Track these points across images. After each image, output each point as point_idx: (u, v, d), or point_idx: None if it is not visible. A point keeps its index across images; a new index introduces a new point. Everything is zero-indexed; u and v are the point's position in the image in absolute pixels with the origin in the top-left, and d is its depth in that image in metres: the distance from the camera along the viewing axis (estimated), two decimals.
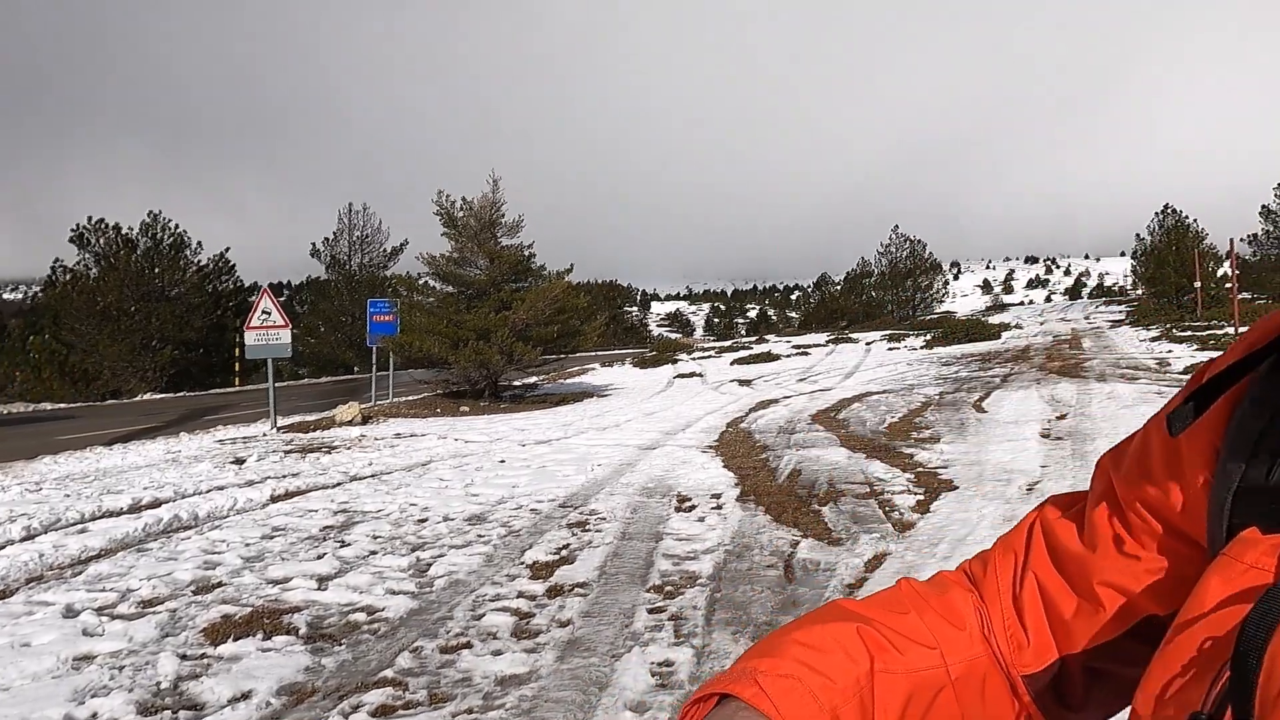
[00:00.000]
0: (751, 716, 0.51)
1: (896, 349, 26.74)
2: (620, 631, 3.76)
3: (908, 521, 5.67)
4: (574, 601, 4.19)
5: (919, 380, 16.21)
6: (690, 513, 6.17)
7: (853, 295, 55.94)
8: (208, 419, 17.49)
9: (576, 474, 7.90)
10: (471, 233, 17.70)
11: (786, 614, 3.96)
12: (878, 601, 0.64)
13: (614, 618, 3.95)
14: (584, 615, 3.99)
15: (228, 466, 8.99)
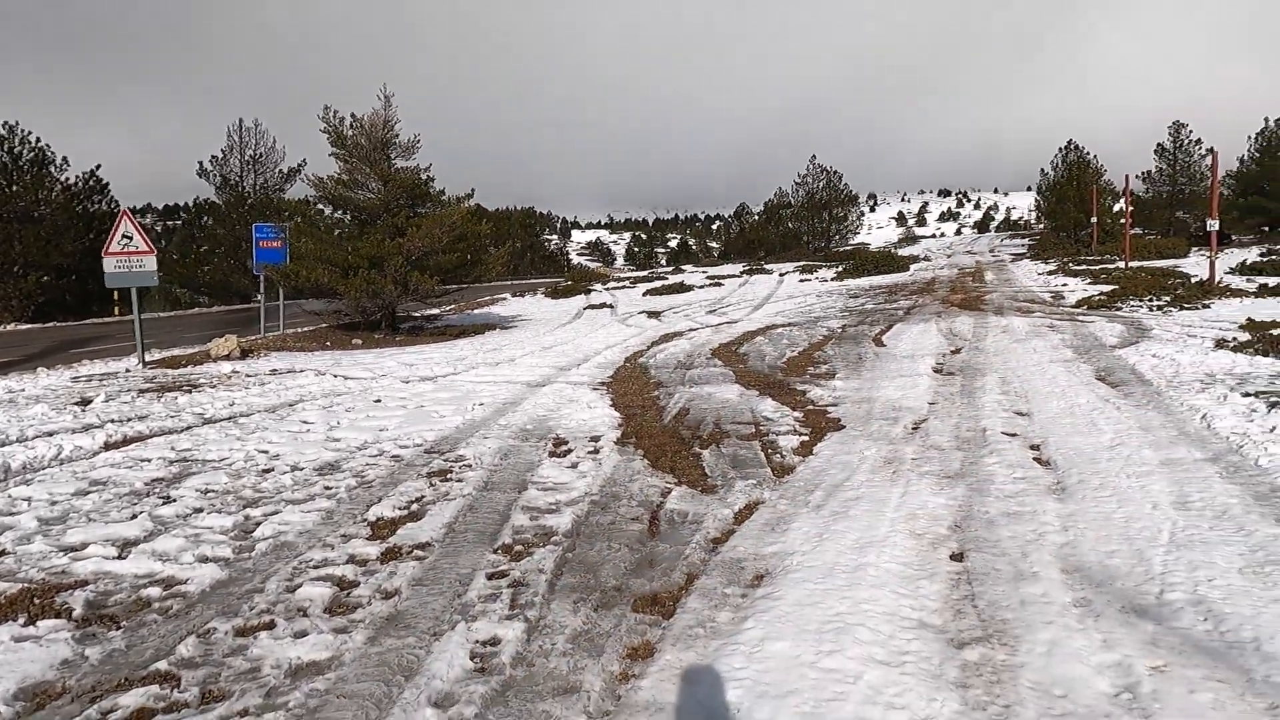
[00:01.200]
0: None
1: (808, 280, 26.80)
2: (450, 603, 3.36)
3: (788, 466, 5.43)
4: (408, 566, 3.76)
5: (825, 313, 16.16)
6: (564, 458, 5.78)
7: (771, 226, 55.96)
8: (75, 352, 16.13)
9: (454, 415, 7.41)
10: (363, 153, 16.49)
11: (639, 576, 3.63)
12: None
13: (448, 585, 3.55)
14: (415, 583, 3.57)
15: (68, 409, 8.12)
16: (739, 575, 3.60)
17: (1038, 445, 5.58)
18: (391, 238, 16.16)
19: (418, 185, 17.12)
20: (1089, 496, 4.43)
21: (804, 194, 48.33)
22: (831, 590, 3.32)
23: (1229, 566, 3.40)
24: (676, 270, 41.52)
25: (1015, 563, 3.58)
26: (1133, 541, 3.74)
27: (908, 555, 3.71)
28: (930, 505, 4.41)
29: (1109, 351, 9.10)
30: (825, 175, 48.04)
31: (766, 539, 4.03)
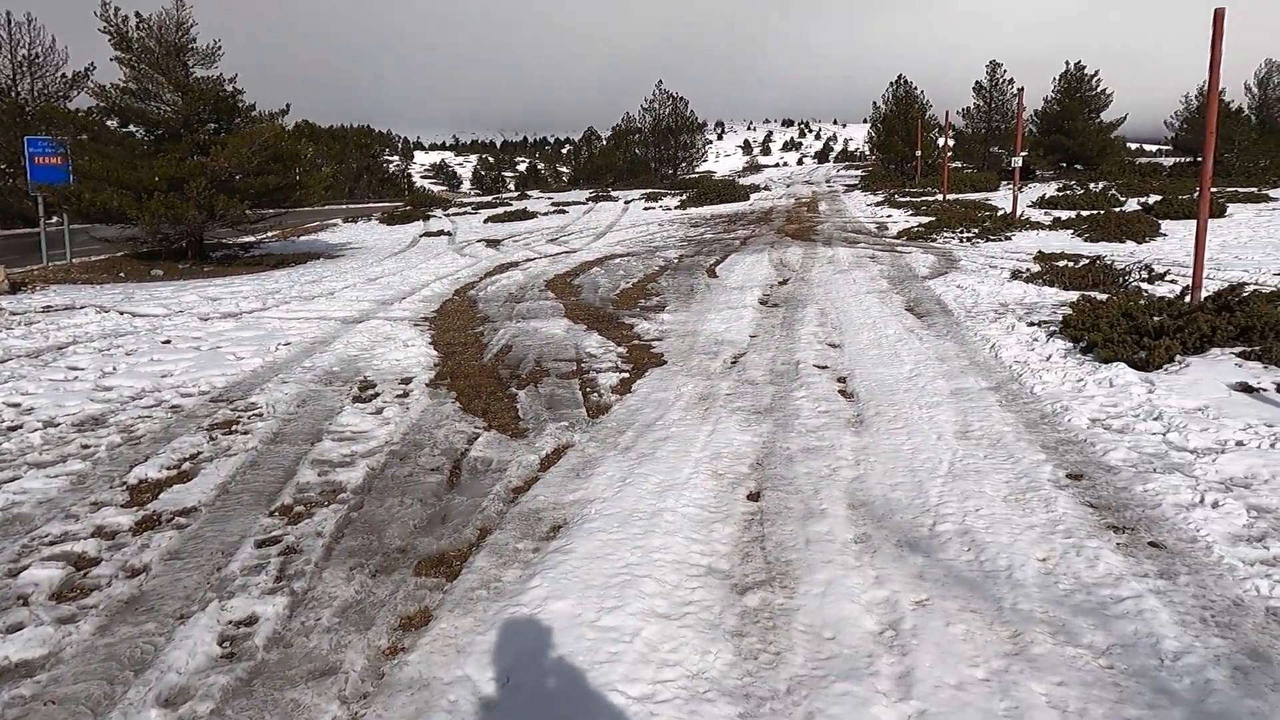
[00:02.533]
0: None
1: (652, 209, 26.77)
2: (207, 578, 3.03)
3: (604, 405, 5.33)
4: (165, 537, 3.37)
5: (665, 242, 16.16)
6: (369, 403, 5.42)
7: (619, 152, 55.35)
8: None
9: (253, 356, 6.79)
10: (153, 59, 14.61)
11: (428, 535, 3.42)
12: None
13: (209, 557, 3.20)
14: (169, 557, 3.19)
15: None
16: (535, 528, 3.47)
17: (845, 378, 5.77)
18: (194, 156, 14.56)
19: (222, 98, 15.44)
20: (883, 429, 4.61)
21: (651, 120, 47.96)
22: (625, 540, 3.25)
23: (995, 495, 3.60)
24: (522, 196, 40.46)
25: (807, 500, 3.65)
26: (916, 474, 3.90)
27: (706, 498, 3.71)
28: (736, 443, 4.44)
29: (920, 283, 9.59)
30: (672, 101, 47.77)
31: (569, 486, 3.92)
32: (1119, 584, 2.78)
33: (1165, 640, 2.44)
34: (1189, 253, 6.99)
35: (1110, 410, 4.65)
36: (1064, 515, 3.35)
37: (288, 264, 15.41)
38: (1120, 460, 3.92)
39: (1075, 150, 34.74)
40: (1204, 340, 5.54)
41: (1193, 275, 6.44)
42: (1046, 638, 2.50)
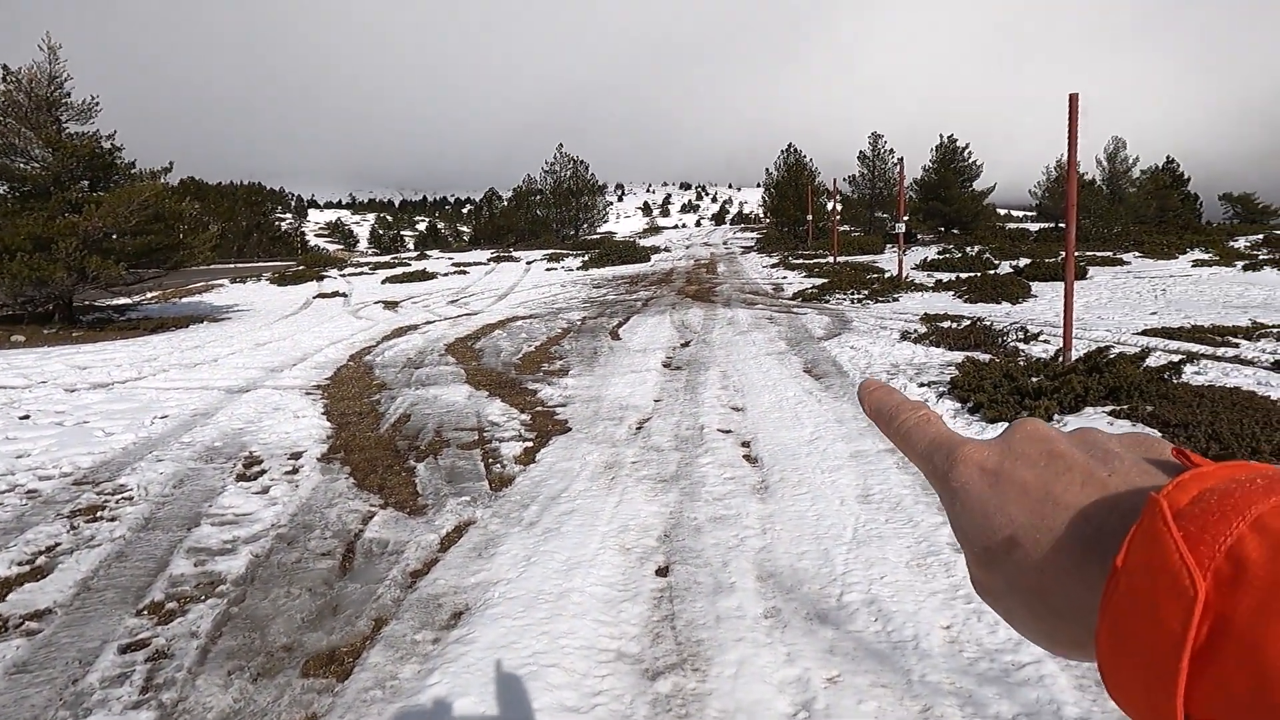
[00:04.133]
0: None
1: (554, 270, 26.86)
2: (59, 694, 2.71)
3: (507, 476, 5.18)
4: (10, 647, 3.01)
5: (568, 304, 16.18)
6: (254, 481, 5.09)
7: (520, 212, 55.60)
8: None
9: (125, 432, 6.31)
10: (21, 113, 13.79)
11: (317, 629, 3.19)
12: None
13: (63, 668, 2.87)
14: (15, 670, 2.85)
15: None
16: (434, 615, 3.28)
17: (749, 442, 5.82)
18: (65, 215, 13.71)
19: (99, 155, 14.68)
20: (788, 495, 4.64)
21: (552, 181, 48.52)
22: (531, 626, 3.11)
23: (899, 561, 3.66)
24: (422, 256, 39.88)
25: (716, 574, 3.61)
26: (821, 541, 3.93)
27: (614, 575, 3.61)
28: (643, 514, 4.38)
29: (816, 344, 9.89)
30: (573, 164, 48.55)
31: (471, 567, 3.75)
32: (1019, 649, 2.84)
33: (1067, 707, 2.49)
34: (1058, 313, 7.48)
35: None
36: (964, 579, 3.41)
37: (168, 328, 14.58)
38: None
39: (952, 216, 37.15)
40: (1078, 400, 5.89)
41: (1063, 337, 6.88)
42: (955, 710, 2.51)
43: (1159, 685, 0.27)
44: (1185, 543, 0.27)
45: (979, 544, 0.35)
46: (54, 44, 13.85)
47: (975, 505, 0.35)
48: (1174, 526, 0.27)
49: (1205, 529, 0.26)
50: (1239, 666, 0.25)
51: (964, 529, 0.36)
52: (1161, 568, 0.27)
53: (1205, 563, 0.26)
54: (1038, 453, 0.35)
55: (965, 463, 0.36)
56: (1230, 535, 0.26)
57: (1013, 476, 0.34)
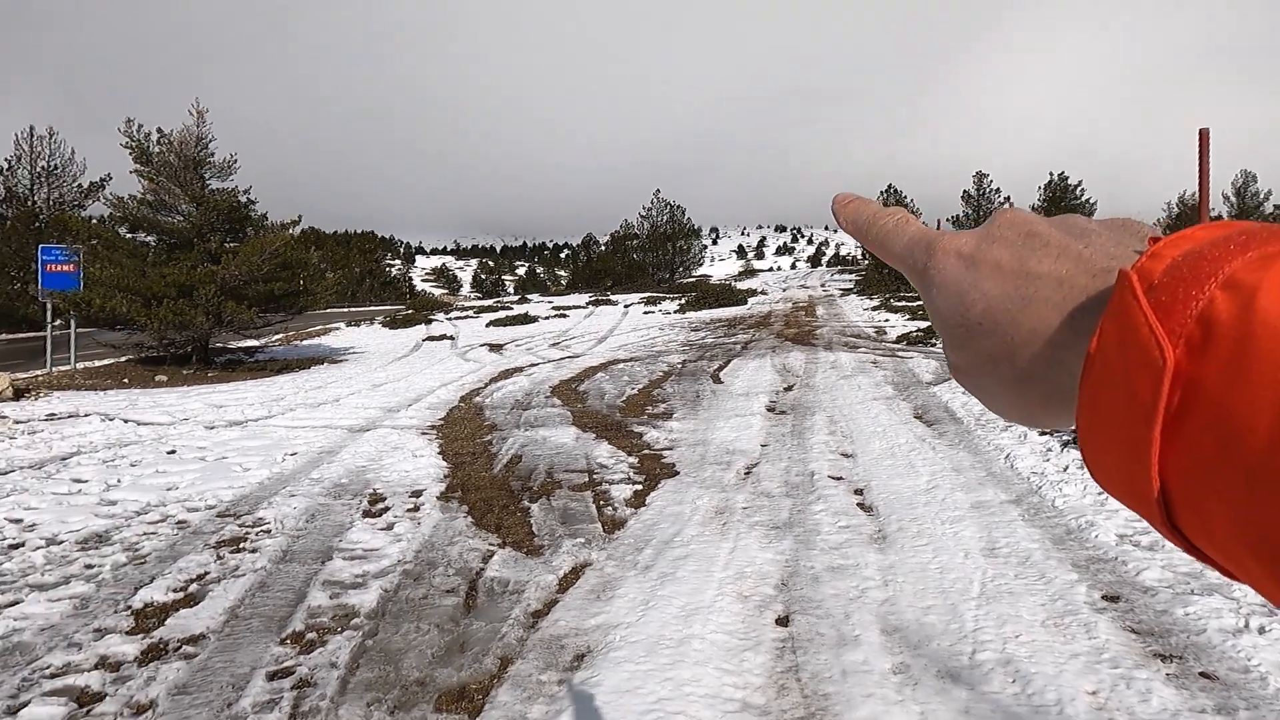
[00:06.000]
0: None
1: (652, 313, 27.15)
2: (217, 715, 2.88)
3: (619, 519, 5.23)
4: (172, 669, 3.22)
5: (667, 347, 16.31)
6: (379, 518, 5.31)
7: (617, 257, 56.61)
8: None
9: (260, 467, 6.71)
10: (171, 172, 15.10)
11: (447, 665, 3.29)
12: None
13: (218, 692, 3.05)
14: (177, 692, 3.05)
15: None
16: (558, 657, 3.33)
17: (861, 489, 5.70)
18: (205, 264, 14.84)
19: (236, 208, 15.88)
20: (908, 545, 4.51)
21: (649, 226, 49.28)
22: (654, 671, 3.12)
23: (1033, 619, 3.49)
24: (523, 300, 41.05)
25: (838, 625, 3.53)
26: (947, 595, 3.80)
27: (734, 622, 3.58)
28: (758, 562, 4.34)
29: (925, 389, 9.62)
30: (669, 209, 49.24)
31: (590, 609, 3.79)
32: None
33: None
34: None
35: (1137, 525, 4.57)
36: (1107, 642, 3.23)
37: (292, 369, 15.46)
38: (1155, 580, 3.82)
39: None
40: None
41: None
42: None
43: (1134, 457, 0.27)
44: (1156, 313, 0.26)
45: (955, 322, 0.35)
46: (201, 109, 15.20)
47: (952, 286, 0.36)
48: (1144, 299, 0.27)
49: (1177, 297, 0.26)
50: (1207, 427, 0.24)
51: (940, 311, 0.36)
52: (1133, 341, 0.26)
53: (1177, 330, 0.26)
54: (1015, 234, 0.34)
55: (943, 252, 0.36)
56: (1202, 298, 0.25)
57: (989, 256, 0.34)
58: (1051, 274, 0.32)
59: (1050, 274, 0.32)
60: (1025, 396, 0.33)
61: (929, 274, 0.37)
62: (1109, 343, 0.27)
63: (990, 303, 0.33)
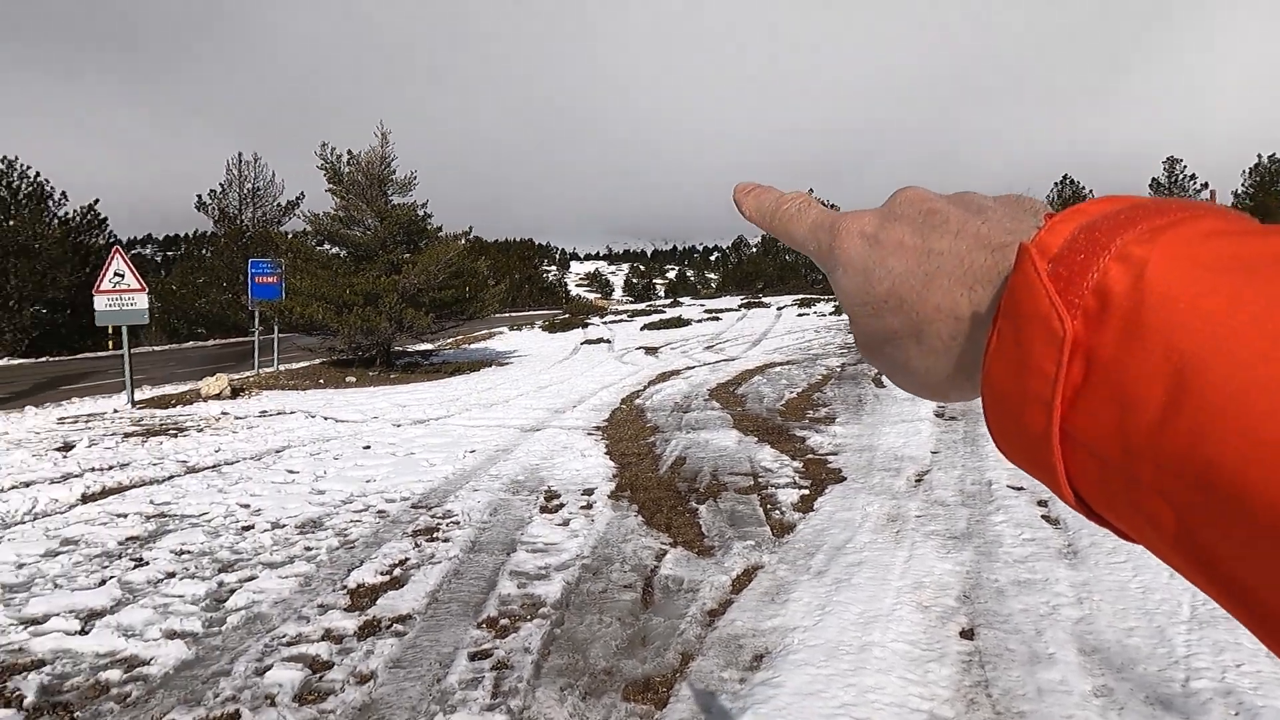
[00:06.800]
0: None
1: (806, 315, 26.72)
2: (429, 689, 3.15)
3: (788, 523, 5.23)
4: (386, 644, 3.55)
5: (824, 349, 16.02)
6: (555, 514, 5.58)
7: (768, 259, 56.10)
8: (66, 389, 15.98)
9: (445, 463, 7.21)
10: (359, 190, 16.47)
11: (630, 657, 3.43)
12: None
13: (427, 668, 3.34)
14: (392, 665, 3.36)
15: (49, 455, 7.92)
16: (737, 656, 3.40)
17: (1045, 501, 5.39)
18: (387, 274, 16.07)
19: (414, 221, 17.09)
20: (1102, 562, 4.23)
21: None
22: (835, 676, 3.12)
23: (1256, 648, 3.19)
24: (674, 303, 41.49)
25: (1029, 642, 3.38)
26: (1152, 617, 3.54)
27: (915, 632, 3.51)
28: (937, 572, 4.21)
29: None
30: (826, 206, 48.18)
31: (766, 612, 3.83)
32: None
33: None
34: None
35: None
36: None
37: (463, 371, 16.44)
38: None
39: None
40: None
41: None
42: None
43: (1037, 427, 0.27)
44: (1055, 285, 0.26)
45: (861, 300, 0.35)
46: (386, 130, 16.52)
47: (857, 265, 0.36)
48: (1043, 272, 0.27)
49: (1074, 269, 0.26)
50: (1104, 397, 0.25)
51: (847, 290, 0.36)
52: (1033, 314, 0.27)
53: (1075, 303, 0.26)
54: (916, 211, 0.35)
55: (847, 233, 0.37)
56: (1097, 270, 0.26)
57: (892, 235, 0.34)
58: (952, 250, 0.32)
59: (951, 250, 0.32)
60: (932, 371, 0.34)
61: (834, 255, 0.37)
62: (1011, 315, 0.28)
63: (895, 280, 0.34)
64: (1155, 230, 0.26)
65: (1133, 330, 0.24)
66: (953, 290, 0.32)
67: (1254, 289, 0.22)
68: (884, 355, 0.36)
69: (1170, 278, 0.24)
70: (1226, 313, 0.22)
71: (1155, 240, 0.25)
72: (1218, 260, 0.24)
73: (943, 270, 0.32)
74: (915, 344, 0.34)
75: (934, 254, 0.33)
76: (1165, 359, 0.23)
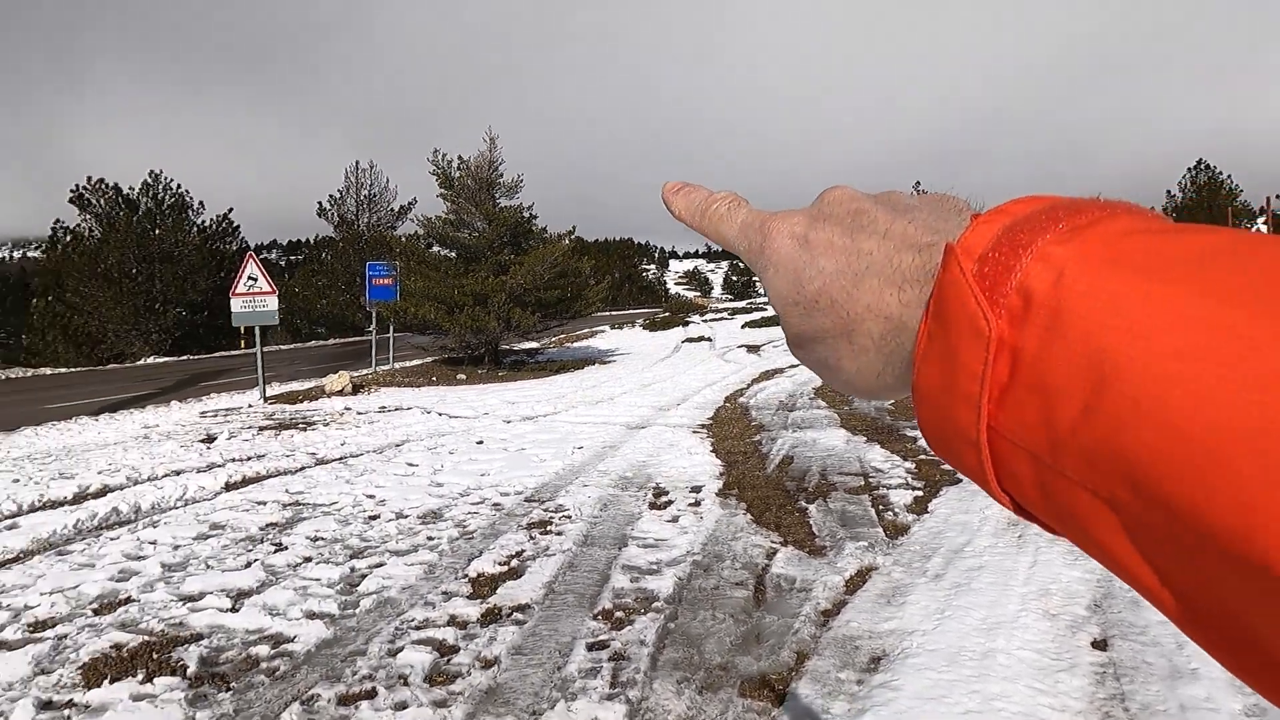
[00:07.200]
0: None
1: None
2: (550, 677, 3.26)
3: (901, 525, 5.12)
4: (508, 631, 3.69)
5: None
6: (664, 510, 5.65)
7: None
8: (204, 385, 17.23)
9: (554, 459, 7.40)
10: (469, 193, 17.05)
11: (745, 653, 3.44)
12: None
13: (547, 655, 3.45)
14: (514, 652, 3.49)
15: (194, 446, 8.57)
16: (853, 657, 3.36)
17: None
18: (495, 275, 16.58)
19: (520, 223, 17.54)
20: None
21: None
22: (958, 682, 3.04)
23: None
24: None
25: (1169, 655, 3.20)
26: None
27: (1042, 641, 3.38)
28: (1064, 579, 4.04)
29: None
30: None
31: (882, 613, 3.77)
32: None
33: None
34: None
35: None
36: None
37: (568, 369, 16.78)
38: None
39: None
40: None
41: None
42: None
43: (965, 424, 0.27)
44: (980, 285, 0.27)
45: (793, 300, 0.35)
46: (494, 135, 17.05)
47: (788, 265, 0.36)
48: (969, 271, 0.27)
49: (999, 269, 0.26)
50: (1028, 394, 0.25)
51: (778, 290, 0.36)
52: (960, 313, 0.27)
53: (1000, 302, 0.26)
54: (844, 211, 0.35)
55: (777, 233, 0.37)
56: (1020, 270, 0.26)
57: (821, 235, 0.35)
58: (881, 250, 0.33)
59: (879, 250, 0.33)
60: (863, 371, 0.34)
61: (765, 255, 0.37)
62: (939, 315, 0.28)
63: (826, 280, 0.34)
64: (1075, 230, 0.27)
65: (1055, 328, 0.25)
66: (882, 290, 0.32)
67: (1166, 287, 0.23)
68: (815, 355, 0.37)
69: (1089, 276, 0.25)
70: (1141, 310, 0.23)
71: (1074, 240, 0.26)
72: (1133, 259, 0.24)
73: (872, 270, 0.33)
74: (846, 343, 0.34)
75: (863, 254, 0.33)
76: (1085, 356, 0.23)
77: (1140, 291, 0.23)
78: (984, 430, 0.27)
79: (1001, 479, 0.28)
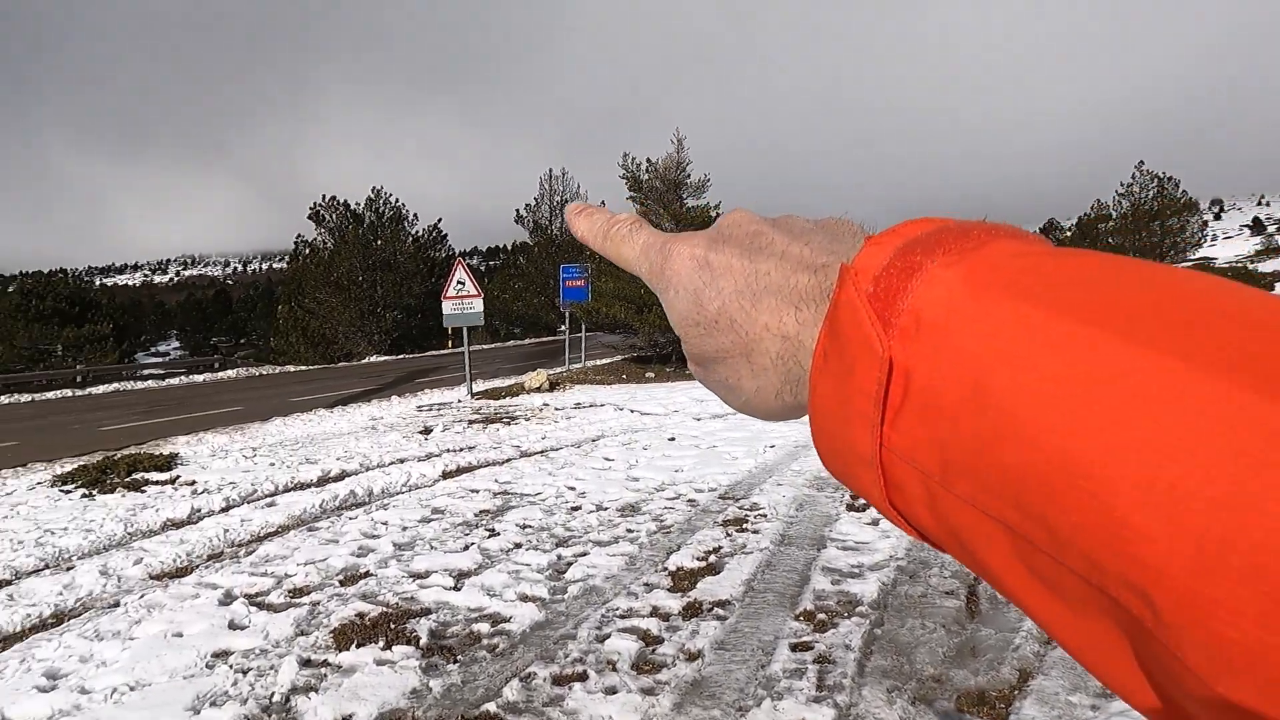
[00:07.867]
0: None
1: None
2: (754, 674, 3.25)
3: None
4: (710, 626, 3.73)
5: None
6: (863, 513, 5.47)
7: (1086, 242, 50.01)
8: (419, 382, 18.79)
9: (746, 457, 7.39)
10: (657, 195, 17.40)
11: (960, 667, 3.26)
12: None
13: (750, 653, 3.45)
14: (717, 646, 3.52)
15: (414, 437, 9.37)
16: (1086, 679, 3.09)
17: None
18: None
19: (707, 223, 17.62)
20: None
21: (1129, 204, 42.62)
22: None
23: None
24: None
25: None
26: None
27: None
28: None
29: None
30: (1156, 181, 42.00)
31: None
32: None
33: None
34: None
35: None
36: None
37: None
38: None
39: None
40: None
41: None
42: None
43: (859, 443, 0.27)
44: (874, 306, 0.27)
45: (693, 320, 0.36)
46: (681, 137, 17.30)
47: (688, 287, 0.36)
48: (862, 293, 0.27)
49: (892, 290, 0.27)
50: (918, 413, 0.25)
51: (678, 310, 0.36)
52: (855, 335, 0.27)
53: (893, 322, 0.26)
54: (743, 234, 0.35)
55: (678, 255, 0.37)
56: (911, 292, 0.26)
57: (721, 257, 0.35)
58: (778, 270, 0.33)
59: (776, 270, 0.33)
60: (762, 390, 0.34)
61: (665, 276, 0.37)
62: (834, 335, 0.28)
63: (725, 301, 0.34)
64: (963, 253, 0.27)
65: (942, 349, 0.25)
66: (780, 309, 0.33)
67: (1042, 310, 0.23)
68: (715, 375, 0.37)
69: (974, 298, 0.25)
70: (1022, 332, 0.23)
71: (962, 263, 0.26)
72: (1016, 282, 0.25)
73: (770, 289, 0.33)
74: (745, 363, 0.34)
75: (761, 274, 0.34)
76: (969, 376, 0.24)
77: (1020, 315, 0.24)
78: (879, 449, 0.27)
79: (893, 497, 0.28)
